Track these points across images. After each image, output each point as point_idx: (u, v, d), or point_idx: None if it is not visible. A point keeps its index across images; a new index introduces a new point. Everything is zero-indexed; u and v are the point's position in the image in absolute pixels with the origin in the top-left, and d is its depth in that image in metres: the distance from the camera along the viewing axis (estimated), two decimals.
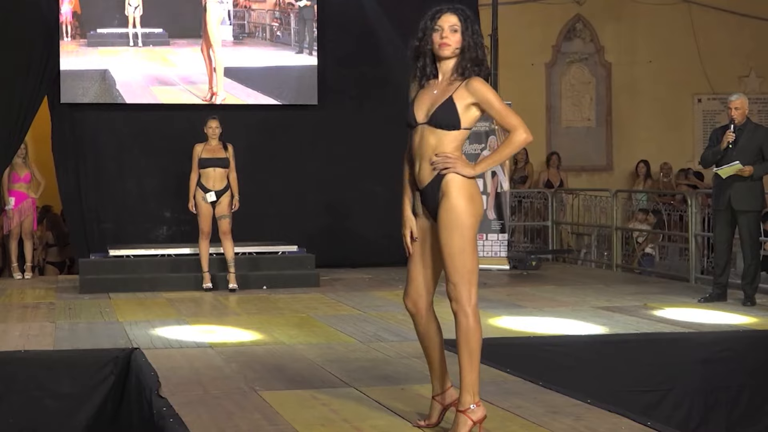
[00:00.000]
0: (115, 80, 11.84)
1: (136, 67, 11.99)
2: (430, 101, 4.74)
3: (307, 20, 12.36)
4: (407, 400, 5.66)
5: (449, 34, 4.70)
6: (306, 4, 12.53)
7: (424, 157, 4.75)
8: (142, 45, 11.90)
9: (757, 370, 8.12)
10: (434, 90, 4.76)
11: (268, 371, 6.63)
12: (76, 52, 11.60)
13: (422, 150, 4.75)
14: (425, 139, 4.74)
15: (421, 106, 4.76)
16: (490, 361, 6.66)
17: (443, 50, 4.72)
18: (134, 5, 11.64)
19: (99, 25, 11.71)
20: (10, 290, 11.26)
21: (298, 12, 12.45)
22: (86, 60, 11.72)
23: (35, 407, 7.11)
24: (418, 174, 4.79)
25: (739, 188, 9.34)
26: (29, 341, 7.88)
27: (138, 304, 10.00)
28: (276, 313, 9.41)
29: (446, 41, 4.70)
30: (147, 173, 12.85)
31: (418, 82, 4.83)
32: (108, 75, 11.76)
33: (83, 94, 12.47)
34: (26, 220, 12.40)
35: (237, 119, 12.48)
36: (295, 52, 12.39)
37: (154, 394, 5.78)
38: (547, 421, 5.12)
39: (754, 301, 9.60)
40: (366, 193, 13.23)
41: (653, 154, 16.36)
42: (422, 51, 4.77)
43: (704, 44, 16.39)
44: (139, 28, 11.74)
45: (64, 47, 11.64)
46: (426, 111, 4.73)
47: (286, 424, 5.15)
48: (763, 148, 9.35)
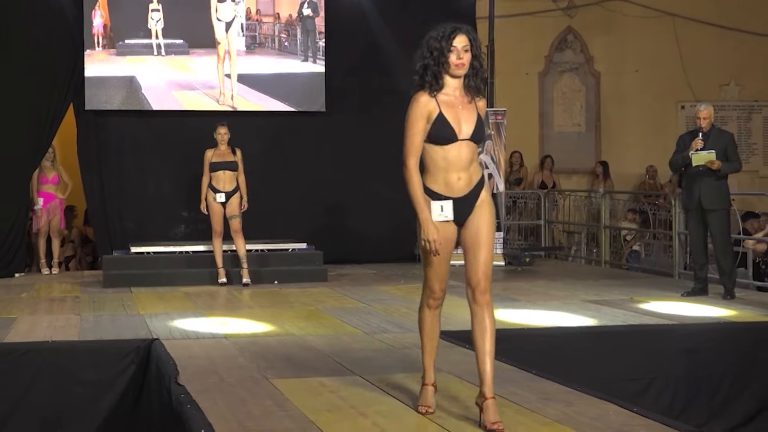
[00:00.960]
0: (140, 85, 12.04)
1: (159, 74, 12.17)
2: (461, 117, 4.76)
3: (310, 31, 12.50)
4: (409, 388, 5.65)
5: (464, 54, 4.73)
6: (309, 14, 12.57)
7: (463, 169, 4.77)
8: (165, 54, 12.14)
9: (737, 360, 8.11)
10: (458, 106, 4.78)
11: (279, 360, 6.63)
12: (107, 61, 11.84)
13: (461, 162, 4.77)
14: (463, 153, 4.77)
15: (455, 122, 4.74)
16: None
17: (459, 70, 4.75)
18: (156, 19, 11.88)
19: (126, 36, 11.94)
20: (39, 285, 11.28)
21: (302, 22, 12.50)
22: (115, 67, 11.97)
23: (62, 394, 7.12)
24: (455, 183, 4.77)
25: (707, 188, 9.36)
26: (56, 332, 7.90)
27: (158, 298, 10.01)
28: (286, 306, 9.42)
29: (462, 62, 4.73)
30: (165, 176, 12.86)
31: (429, 94, 4.78)
32: (135, 81, 11.98)
33: (106, 102, 12.53)
34: (54, 219, 12.41)
35: (249, 125, 12.51)
36: (300, 61, 12.51)
37: (173, 382, 5.78)
38: (540, 407, 5.13)
39: (734, 294, 9.60)
40: (370, 194, 13.22)
41: (639, 158, 16.35)
42: (434, 68, 4.75)
43: (687, 55, 16.37)
44: (162, 39, 11.97)
45: (95, 56, 11.85)
46: (462, 127, 4.75)
47: (295, 410, 5.15)
48: (727, 150, 9.41)
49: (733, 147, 9.56)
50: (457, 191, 4.78)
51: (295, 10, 12.66)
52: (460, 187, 4.78)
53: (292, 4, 12.70)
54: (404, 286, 10.98)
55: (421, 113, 4.78)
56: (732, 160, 9.43)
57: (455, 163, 4.76)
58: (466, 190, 4.80)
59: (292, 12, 12.59)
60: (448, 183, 4.78)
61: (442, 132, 4.74)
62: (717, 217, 9.48)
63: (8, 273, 12.06)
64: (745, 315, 8.76)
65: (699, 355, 7.95)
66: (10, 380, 7.08)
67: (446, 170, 4.77)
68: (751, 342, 8.20)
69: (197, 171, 10.93)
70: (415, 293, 10.19)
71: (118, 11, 12.03)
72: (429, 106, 4.77)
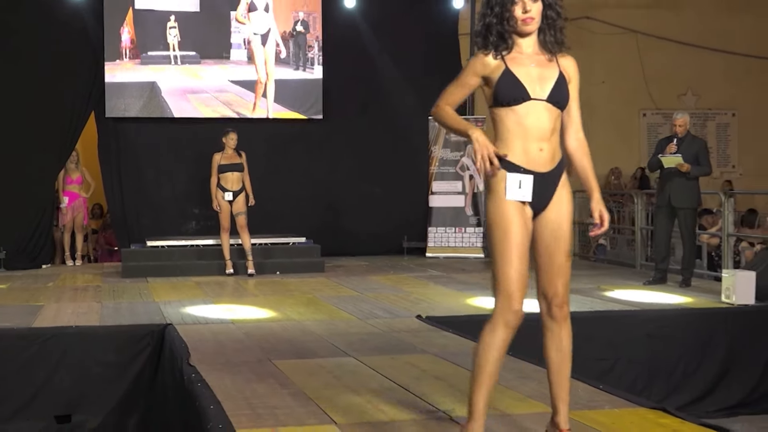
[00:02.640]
0: (160, 89, 12.32)
1: (176, 80, 12.42)
2: (535, 75, 3.56)
3: (301, 45, 12.70)
4: (398, 368, 5.66)
5: (531, 5, 3.52)
6: (301, 31, 12.71)
7: (545, 138, 3.55)
8: (180, 63, 12.40)
9: (692, 343, 8.14)
10: (531, 63, 3.56)
11: (281, 343, 6.64)
12: (132, 69, 12.15)
13: (541, 130, 3.54)
14: (543, 118, 3.54)
15: (526, 79, 3.53)
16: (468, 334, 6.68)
17: (527, 26, 3.53)
18: (173, 34, 12.22)
19: (149, 49, 12.24)
20: (64, 275, 11.27)
21: (295, 38, 12.68)
22: (139, 74, 12.24)
23: (84, 374, 7.12)
24: (536, 155, 3.53)
25: (678, 188, 9.37)
26: (79, 318, 7.89)
27: (171, 287, 10.01)
28: (287, 294, 9.42)
29: (531, 15, 3.52)
30: (178, 177, 12.84)
31: (494, 54, 3.55)
32: (155, 85, 12.28)
33: (125, 110, 12.53)
34: (78, 216, 12.42)
35: (254, 131, 12.50)
36: (293, 69, 12.71)
37: (185, 363, 5.78)
38: (517, 385, 5.14)
39: (690, 283, 9.64)
40: (364, 193, 13.23)
41: (606, 160, 16.35)
42: (498, 27, 3.53)
43: (648, 67, 16.40)
44: (178, 51, 12.29)
45: (123, 65, 12.15)
46: (536, 86, 3.54)
47: (296, 388, 5.15)
48: (698, 155, 9.41)
49: (705, 153, 9.51)
50: (539, 165, 3.54)
51: (289, 27, 12.78)
52: (543, 159, 3.54)
53: (287, 22, 12.79)
54: (393, 276, 11.01)
55: (475, 70, 3.59)
56: (702, 164, 9.41)
57: (534, 131, 3.53)
58: (550, 166, 3.56)
59: (287, 29, 12.75)
60: (528, 153, 3.53)
61: (510, 90, 3.52)
62: (685, 214, 9.49)
63: (36, 265, 12.05)
64: (699, 302, 8.79)
65: (659, 339, 7.99)
66: (38, 361, 7.09)
67: (524, 138, 3.53)
68: (705, 326, 8.24)
69: (207, 172, 10.93)
70: (403, 282, 10.25)
71: (142, 28, 12.27)
72: (490, 65, 3.56)
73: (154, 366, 7.13)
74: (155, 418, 6.88)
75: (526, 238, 3.55)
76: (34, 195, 12.20)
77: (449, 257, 12.77)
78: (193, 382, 5.25)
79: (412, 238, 13.33)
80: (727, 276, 8.73)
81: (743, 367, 8.24)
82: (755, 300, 8.55)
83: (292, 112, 12.90)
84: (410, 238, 13.34)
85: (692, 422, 4.37)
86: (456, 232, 12.97)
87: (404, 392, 5.03)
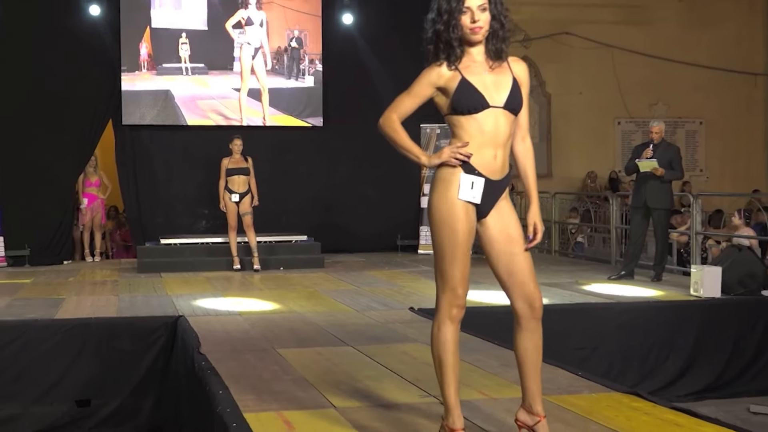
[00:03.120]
0: (174, 96, 12.53)
1: (187, 88, 12.62)
2: (489, 83, 3.36)
3: (295, 58, 12.90)
4: (392, 356, 5.66)
5: (480, 15, 3.31)
6: (295, 46, 12.88)
7: (501, 145, 3.37)
8: (191, 74, 12.61)
9: (663, 332, 8.15)
10: (484, 71, 3.36)
11: (284, 333, 6.63)
12: (149, 80, 12.40)
13: (499, 136, 3.35)
14: (501, 125, 3.35)
15: (482, 87, 3.34)
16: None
17: (476, 35, 3.33)
18: (185, 49, 12.47)
19: (164, 61, 12.48)
20: (83, 270, 11.25)
21: (289, 51, 12.88)
22: (155, 84, 12.45)
23: (103, 362, 7.12)
24: (491, 162, 3.35)
25: (653, 190, 9.37)
26: (98, 310, 7.88)
27: (183, 281, 9.99)
28: (290, 288, 9.41)
29: (479, 25, 3.31)
30: (189, 179, 12.82)
31: (447, 65, 3.36)
32: (169, 93, 12.52)
33: (140, 118, 12.57)
34: (96, 216, 12.40)
35: (260, 137, 12.50)
36: (285, 79, 12.92)
37: (196, 351, 5.77)
38: (501, 372, 5.14)
39: (661, 278, 9.65)
40: (361, 195, 13.23)
41: (583, 165, 16.42)
42: (446, 35, 3.32)
43: (623, 79, 16.44)
44: (189, 64, 12.52)
45: (141, 76, 12.38)
46: (492, 93, 3.35)
47: (297, 374, 5.15)
48: (672, 160, 9.41)
49: (678, 158, 9.50)
50: (491, 171, 3.36)
51: (284, 43, 12.95)
52: (496, 167, 3.37)
53: (282, 38, 12.97)
54: (388, 271, 11.00)
55: (430, 81, 3.40)
56: (675, 169, 9.40)
57: (492, 137, 3.35)
58: (500, 175, 3.39)
59: (282, 44, 12.92)
60: (483, 158, 3.34)
61: (469, 99, 3.33)
62: (659, 215, 9.49)
63: (58, 261, 12.02)
64: (670, 295, 8.80)
65: (632, 328, 7.99)
66: (60, 350, 7.08)
67: (483, 145, 3.34)
68: (675, 317, 8.25)
69: (216, 176, 10.93)
70: (397, 277, 10.25)
71: (158, 44, 12.47)
72: (445, 75, 3.36)
73: (168, 354, 7.12)
74: (168, 402, 6.87)
75: (471, 238, 3.38)
76: (56, 197, 12.18)
77: None
78: (203, 369, 5.24)
79: (405, 237, 13.33)
80: (695, 271, 8.74)
81: (710, 355, 8.25)
82: (721, 293, 8.57)
83: (288, 116, 12.99)
84: (403, 237, 13.34)
85: (663, 406, 4.38)
86: None
87: (398, 378, 5.02)
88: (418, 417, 4.19)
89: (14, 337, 7.02)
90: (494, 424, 4.05)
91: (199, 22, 12.50)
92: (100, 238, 12.60)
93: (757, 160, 17.65)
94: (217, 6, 12.56)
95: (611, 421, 4.08)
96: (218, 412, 4.27)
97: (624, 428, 3.96)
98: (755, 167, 17.57)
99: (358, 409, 4.33)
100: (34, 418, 6.93)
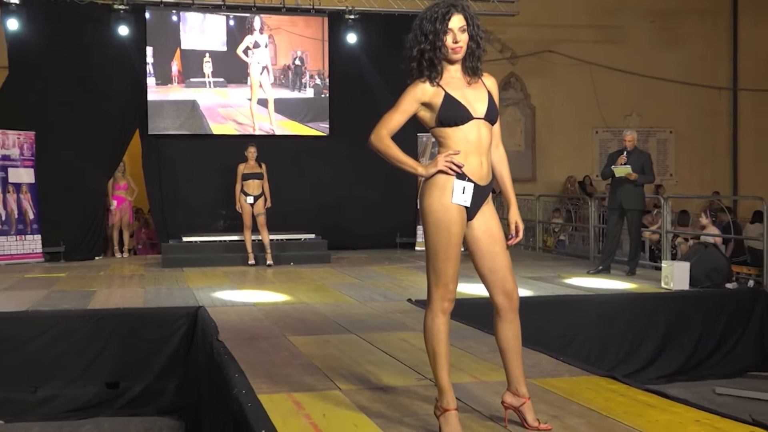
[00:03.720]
0: (199, 105, 12.75)
1: (210, 99, 12.83)
2: (470, 97, 3.38)
3: (298, 74, 13.15)
4: (392, 343, 5.66)
5: (461, 36, 3.34)
6: (298, 64, 13.11)
7: (485, 153, 3.39)
8: (213, 87, 12.85)
9: (637, 321, 8.15)
10: (462, 87, 3.39)
11: (294, 322, 6.63)
12: (180, 91, 12.65)
13: (482, 145, 3.37)
14: (483, 134, 3.37)
15: (465, 101, 3.36)
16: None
17: (456, 54, 3.36)
18: (208, 66, 12.75)
19: (191, 76, 12.72)
20: (113, 265, 11.26)
21: (294, 68, 13.12)
22: (184, 94, 12.68)
23: (130, 348, 7.12)
24: (478, 169, 3.37)
25: (627, 193, 9.37)
26: (126, 301, 7.89)
27: (203, 275, 9.99)
28: (300, 281, 9.41)
29: (460, 45, 3.35)
30: (208, 183, 12.81)
31: (430, 82, 3.38)
32: (195, 103, 12.74)
33: (164, 128, 12.62)
34: (125, 217, 12.41)
35: (273, 146, 12.50)
36: (290, 90, 13.18)
37: (214, 339, 5.77)
38: (490, 357, 5.12)
39: (635, 272, 9.65)
40: (363, 197, 13.21)
41: (564, 170, 16.40)
42: (430, 53, 3.34)
43: (600, 93, 16.43)
44: (211, 78, 12.79)
45: (172, 88, 12.62)
46: (474, 106, 3.37)
47: (306, 359, 5.15)
48: (644, 166, 9.41)
49: (649, 164, 9.49)
50: (478, 177, 3.38)
51: (289, 61, 13.19)
52: (482, 173, 3.39)
53: (287, 57, 13.18)
54: (388, 266, 11.00)
55: (415, 97, 3.40)
56: (647, 173, 9.39)
57: (477, 145, 3.37)
58: (486, 181, 3.41)
59: (287, 62, 13.19)
60: (472, 167, 3.36)
61: (454, 112, 3.34)
62: (633, 215, 9.49)
63: (90, 257, 12.04)
64: (643, 287, 8.80)
65: (609, 318, 7.99)
66: (92, 338, 7.09)
67: (469, 153, 3.35)
68: (648, 307, 8.25)
69: (233, 180, 10.93)
70: (396, 272, 10.25)
71: (186, 62, 12.69)
72: (429, 91, 3.38)
73: (189, 341, 7.12)
74: (189, 385, 6.86)
75: (460, 236, 3.39)
76: (88, 199, 12.20)
77: None
78: (221, 355, 5.24)
79: (404, 235, 13.32)
80: (665, 266, 8.74)
81: (679, 342, 8.25)
82: (689, 286, 8.58)
83: (292, 121, 13.14)
84: (402, 235, 13.33)
85: (637, 388, 4.37)
86: None
87: (397, 363, 5.02)
88: (414, 398, 4.18)
89: (51, 325, 7.04)
90: (483, 404, 4.04)
91: (220, 44, 12.84)
92: (128, 236, 12.60)
93: (722, 165, 17.66)
94: (234, 31, 12.92)
95: (590, 401, 4.07)
96: (234, 394, 4.27)
97: (602, 408, 3.95)
98: (720, 172, 17.58)
99: (360, 391, 4.32)
100: (69, 399, 6.93)
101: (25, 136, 11.62)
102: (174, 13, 12.55)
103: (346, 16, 13.00)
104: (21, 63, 12.03)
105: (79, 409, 6.99)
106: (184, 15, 12.60)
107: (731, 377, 8.23)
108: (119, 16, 12.09)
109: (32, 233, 11.63)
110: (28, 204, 11.63)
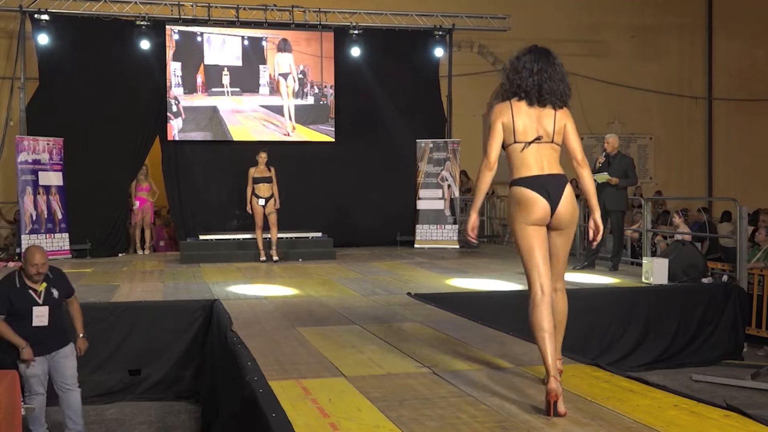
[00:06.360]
0: (219, 110, 12.90)
1: (228, 105, 12.97)
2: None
3: (301, 85, 13.24)
4: (393, 333, 5.64)
5: None
6: (301, 77, 13.20)
7: None
8: (230, 95, 13.02)
9: (620, 313, 8.14)
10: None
11: (302, 314, 6.62)
12: (203, 99, 12.85)
13: None
14: None
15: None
16: (448, 307, 6.67)
17: None
18: (226, 78, 12.92)
19: (213, 86, 12.89)
20: (135, 261, 11.25)
21: (297, 81, 13.25)
22: (207, 101, 12.87)
23: (151, 338, 7.13)
24: None
25: (610, 195, 9.34)
26: (147, 294, 7.88)
27: (218, 271, 9.98)
28: (307, 276, 9.41)
29: None
30: (223, 186, 12.80)
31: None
32: (216, 109, 12.90)
33: (183, 134, 12.63)
34: (146, 216, 12.41)
35: (283, 151, 12.49)
36: (296, 99, 13.30)
37: (228, 330, 5.77)
38: (484, 346, 5.12)
39: (618, 268, 9.63)
40: (366, 198, 13.19)
41: None
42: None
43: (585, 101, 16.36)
44: (229, 88, 12.97)
45: (197, 96, 12.83)
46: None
47: (314, 348, 5.14)
48: (627, 169, 9.38)
49: (632, 168, 9.45)
50: None
51: (294, 74, 13.34)
52: None
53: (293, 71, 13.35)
54: (389, 262, 10.97)
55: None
56: (630, 177, 9.37)
57: None
58: None
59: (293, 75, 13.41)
60: None
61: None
62: (616, 215, 9.46)
63: (113, 253, 12.04)
64: (625, 282, 8.79)
65: (593, 310, 7.97)
66: (115, 328, 7.08)
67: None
68: (629, 300, 8.24)
69: (245, 183, 10.92)
70: (397, 267, 10.23)
71: (209, 75, 12.85)
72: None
73: (205, 332, 7.12)
74: (205, 372, 6.86)
75: None
76: (112, 200, 12.20)
77: (432, 248, 12.75)
78: (234, 344, 5.23)
79: (404, 233, 13.30)
80: (646, 262, 8.73)
81: (658, 333, 8.24)
82: (668, 281, 8.56)
83: (296, 124, 13.20)
84: (402, 233, 13.31)
85: (619, 374, 4.36)
86: (437, 228, 12.96)
87: (397, 351, 5.01)
88: (414, 384, 4.17)
89: None
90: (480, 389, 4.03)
91: (236, 60, 13.03)
92: (149, 235, 12.59)
93: (698, 169, 17.66)
94: (248, 49, 13.04)
95: (576, 387, 4.06)
96: (247, 380, 4.26)
97: (587, 394, 3.94)
98: (696, 175, 17.58)
99: (364, 378, 4.31)
100: (94, 384, 6.92)
101: (54, 142, 11.63)
102: (198, 34, 12.83)
103: (350, 31, 13.05)
104: (50, 75, 12.07)
105: (104, 394, 6.99)
106: (208, 36, 12.92)
107: (707, 365, 8.23)
108: (141, 31, 12.13)
109: (61, 232, 11.64)
110: (57, 205, 11.63)
